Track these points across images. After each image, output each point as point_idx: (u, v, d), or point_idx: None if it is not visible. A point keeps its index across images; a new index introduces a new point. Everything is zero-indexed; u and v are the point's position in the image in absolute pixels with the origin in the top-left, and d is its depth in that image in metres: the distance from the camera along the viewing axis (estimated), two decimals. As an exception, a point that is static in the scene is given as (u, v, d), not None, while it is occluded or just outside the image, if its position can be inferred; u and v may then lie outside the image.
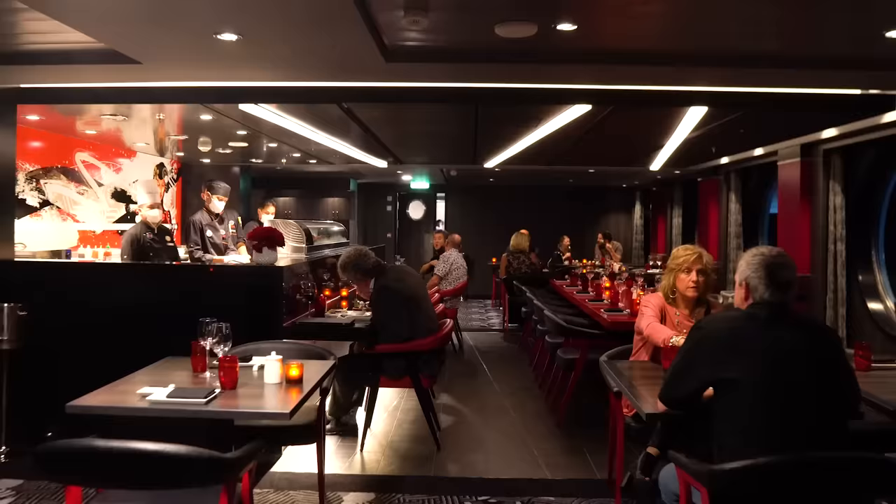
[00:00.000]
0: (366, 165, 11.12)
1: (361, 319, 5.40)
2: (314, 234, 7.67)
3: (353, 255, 5.29)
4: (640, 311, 4.31)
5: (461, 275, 9.29)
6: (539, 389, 7.15)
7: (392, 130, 7.44)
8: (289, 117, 6.52)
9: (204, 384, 3.35)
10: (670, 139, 7.60)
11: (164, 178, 10.31)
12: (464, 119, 6.60)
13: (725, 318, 2.86)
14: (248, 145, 8.41)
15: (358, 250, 5.34)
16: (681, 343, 3.84)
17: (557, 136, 7.21)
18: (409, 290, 5.20)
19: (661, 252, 13.88)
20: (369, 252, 5.36)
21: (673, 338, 3.85)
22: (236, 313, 5.10)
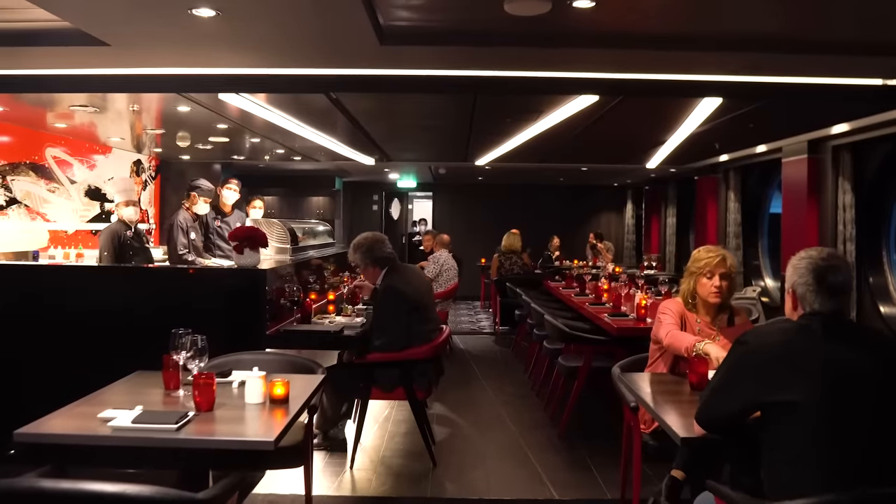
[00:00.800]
0: (352, 163, 10.73)
1: (351, 326, 5.02)
2: (299, 234, 7.27)
3: (370, 238, 4.97)
4: (657, 318, 3.95)
5: (452, 276, 8.92)
6: (537, 397, 6.79)
7: (383, 125, 7.05)
8: (273, 109, 6.12)
9: (176, 404, 2.96)
10: (674, 135, 7.26)
11: (141, 175, 9.86)
12: (460, 112, 6.23)
13: (775, 331, 2.50)
14: (230, 141, 7.99)
15: (376, 235, 5.03)
16: (707, 351, 3.51)
17: (556, 131, 6.85)
18: (417, 295, 4.84)
19: (655, 252, 13.58)
20: (387, 241, 5.03)
21: (697, 345, 3.50)
22: (216, 320, 4.75)
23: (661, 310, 3.96)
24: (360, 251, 4.95)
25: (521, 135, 7.31)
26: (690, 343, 3.55)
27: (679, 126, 6.67)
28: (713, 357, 3.40)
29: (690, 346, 3.53)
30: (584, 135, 7.25)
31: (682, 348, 3.58)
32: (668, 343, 3.72)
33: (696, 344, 3.52)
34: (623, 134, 7.46)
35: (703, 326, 3.86)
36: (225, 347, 4.09)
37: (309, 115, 6.48)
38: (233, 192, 7.54)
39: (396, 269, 4.98)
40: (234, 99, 5.41)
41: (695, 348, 3.51)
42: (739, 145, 8.50)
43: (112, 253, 6.34)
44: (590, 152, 9.27)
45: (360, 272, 5.23)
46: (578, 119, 6.19)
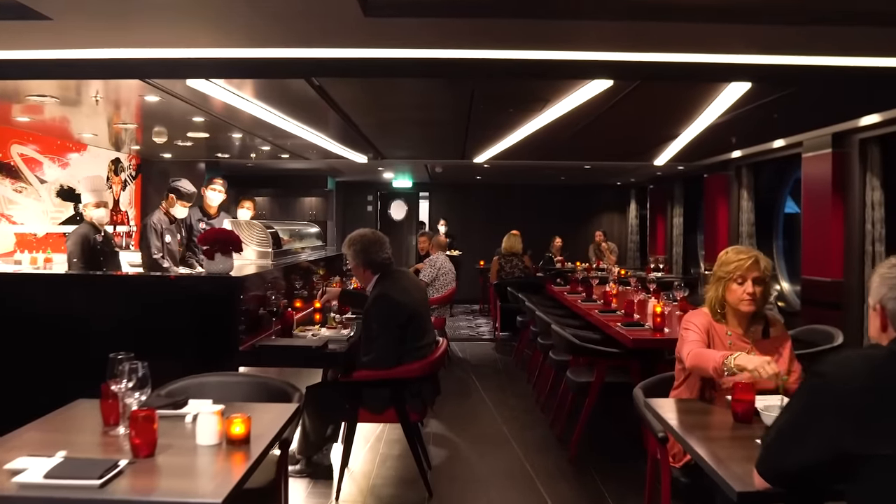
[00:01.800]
0: (344, 161, 10.20)
1: (336, 340, 4.48)
2: (284, 237, 6.73)
3: (368, 237, 4.45)
4: (680, 334, 3.41)
5: (449, 280, 8.38)
6: (542, 412, 6.26)
7: (373, 118, 6.50)
8: (253, 100, 5.58)
9: (113, 446, 2.42)
10: (690, 128, 6.71)
11: (120, 174, 9.32)
12: (458, 103, 5.70)
13: (860, 359, 1.94)
14: (210, 136, 7.45)
15: (376, 235, 4.49)
16: (741, 365, 2.98)
17: (561, 123, 6.31)
18: (413, 306, 4.30)
19: (661, 253, 13.05)
20: (386, 244, 4.50)
21: (726, 360, 2.97)
22: (183, 335, 4.21)
23: (684, 324, 3.42)
24: (353, 248, 4.43)
25: (524, 128, 6.76)
26: (718, 361, 3.01)
27: (697, 117, 6.12)
28: (751, 370, 2.89)
29: (719, 365, 2.99)
30: (591, 128, 6.72)
31: (708, 368, 3.05)
32: (692, 365, 3.19)
33: (726, 359, 2.99)
34: (634, 127, 6.92)
35: (734, 339, 3.32)
36: (192, 366, 3.59)
37: (292, 106, 5.94)
38: (217, 194, 7.01)
39: (391, 274, 4.46)
40: (206, 87, 4.87)
41: (724, 365, 2.98)
42: (757, 139, 7.96)
43: (81, 258, 5.89)
44: (595, 148, 8.73)
45: (352, 271, 4.70)
46: (587, 109, 5.65)
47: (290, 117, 6.39)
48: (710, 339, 3.32)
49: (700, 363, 3.12)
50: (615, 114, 5.89)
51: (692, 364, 3.18)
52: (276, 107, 5.93)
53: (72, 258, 5.92)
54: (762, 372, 2.87)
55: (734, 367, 2.95)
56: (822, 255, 7.13)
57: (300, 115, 6.38)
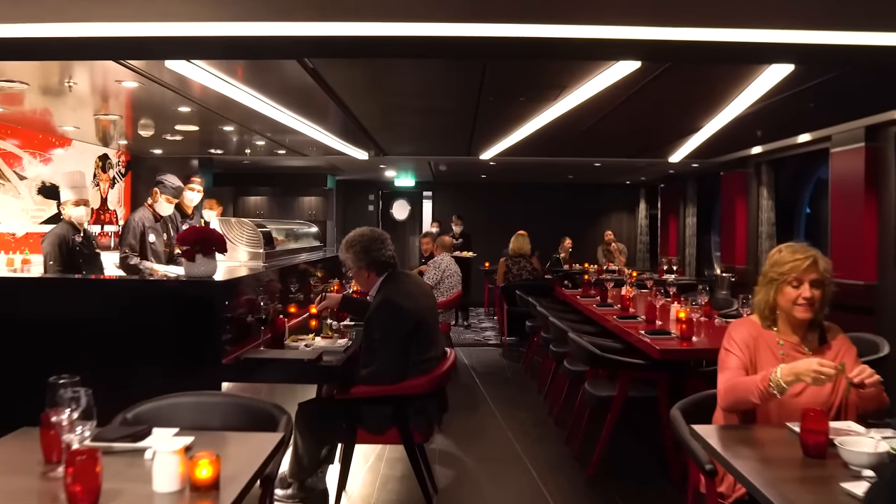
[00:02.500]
0: (345, 158, 9.74)
1: (332, 351, 4.01)
2: (278, 237, 6.28)
3: (367, 235, 4.00)
4: (720, 356, 2.96)
5: (455, 283, 7.93)
6: (556, 426, 5.80)
7: (373, 106, 6.03)
8: (241, 86, 5.12)
9: (49, 495, 1.97)
10: (715, 119, 6.24)
11: (108, 171, 8.87)
12: (464, 90, 5.23)
13: None
14: (201, 130, 6.99)
15: (375, 232, 4.04)
16: (795, 373, 2.54)
17: (576, 114, 5.85)
18: (420, 314, 3.86)
19: (673, 255, 12.58)
20: (388, 241, 4.05)
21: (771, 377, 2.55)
22: (158, 347, 3.75)
23: (725, 342, 2.97)
24: (353, 250, 3.97)
25: (536, 120, 6.29)
26: (761, 383, 2.59)
27: (725, 107, 5.65)
28: (806, 380, 2.50)
29: (764, 387, 2.58)
30: (608, 121, 6.27)
31: (751, 397, 2.65)
32: (729, 402, 2.78)
33: (770, 377, 2.56)
34: (654, 119, 6.45)
35: (787, 350, 2.87)
36: (169, 382, 3.20)
37: (286, 94, 5.49)
38: (196, 193, 6.55)
39: (397, 277, 4.00)
40: (189, 71, 4.41)
41: (771, 384, 2.55)
42: (784, 133, 7.49)
43: (59, 260, 5.46)
44: (610, 143, 8.28)
45: (352, 276, 4.24)
46: (606, 98, 5.19)
47: (285, 107, 5.93)
48: (756, 353, 2.87)
49: (738, 395, 2.71)
50: (636, 103, 5.43)
51: (729, 401, 2.76)
52: (269, 95, 5.47)
53: (48, 260, 5.50)
54: (818, 376, 2.49)
55: (783, 383, 2.53)
56: (854, 257, 6.66)
57: (295, 105, 5.92)
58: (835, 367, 2.49)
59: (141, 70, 4.45)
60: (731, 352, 2.88)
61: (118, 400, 2.80)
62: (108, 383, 3.62)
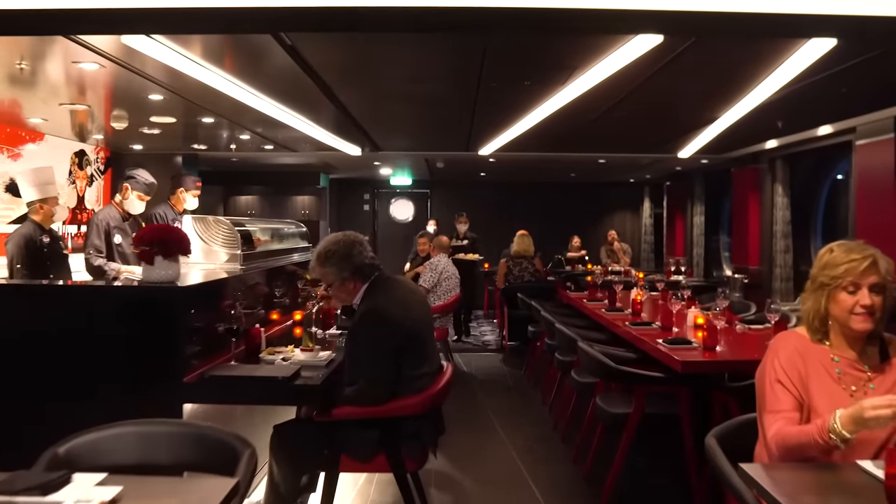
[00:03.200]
0: (337, 155, 9.26)
1: (312, 366, 3.53)
2: (261, 237, 5.80)
3: (343, 240, 3.47)
4: (765, 387, 2.47)
5: (453, 286, 7.45)
6: (562, 443, 5.33)
7: (361, 93, 5.52)
8: (215, 69, 4.62)
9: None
10: (735, 108, 5.74)
11: (85, 168, 8.38)
12: (463, 72, 4.75)
13: None
14: (179, 122, 6.51)
15: (349, 236, 3.51)
16: (855, 421, 2.09)
17: (585, 102, 5.35)
18: (412, 324, 3.38)
19: (680, 255, 12.11)
20: (366, 243, 3.54)
21: (830, 426, 2.11)
22: (111, 363, 3.27)
23: (769, 365, 2.47)
24: (332, 261, 3.46)
25: (541, 109, 5.78)
26: (822, 436, 2.13)
27: (749, 92, 5.15)
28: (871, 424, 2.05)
29: (824, 435, 2.12)
30: (619, 110, 5.79)
31: (812, 450, 2.20)
32: (784, 456, 2.30)
33: (830, 426, 2.10)
34: (669, 108, 5.95)
35: (844, 367, 2.39)
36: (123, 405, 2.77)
37: (266, 79, 5.01)
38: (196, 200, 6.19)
39: (384, 283, 3.52)
40: (152, 49, 3.92)
41: (831, 435, 2.10)
42: (806, 124, 7.00)
43: (25, 262, 5.05)
44: (618, 137, 7.81)
45: (331, 292, 3.74)
46: (620, 82, 4.70)
47: (267, 95, 5.44)
48: (807, 375, 2.38)
49: (793, 450, 2.25)
50: (651, 89, 4.95)
51: (782, 454, 2.28)
52: (248, 80, 4.98)
53: (14, 262, 5.09)
54: (879, 419, 2.03)
55: (846, 433, 2.07)
56: (884, 257, 6.18)
57: (278, 93, 5.43)
58: (891, 404, 2.02)
59: (99, 49, 3.96)
60: (781, 384, 2.38)
61: (63, 425, 2.39)
62: (55, 405, 3.20)
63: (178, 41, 3.92)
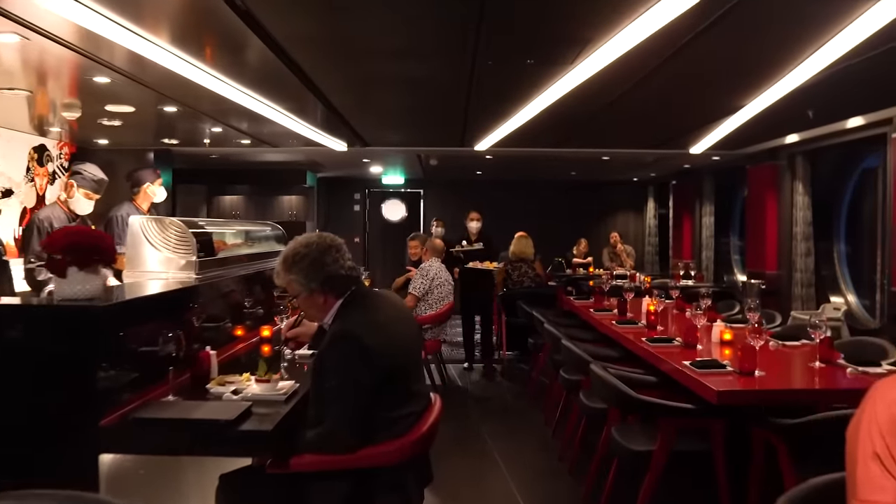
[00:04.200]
0: (322, 151, 8.62)
1: (268, 401, 2.86)
2: (226, 241, 5.14)
3: (314, 243, 2.82)
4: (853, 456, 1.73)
5: (446, 294, 6.78)
6: (570, 475, 4.67)
7: (338, 76, 4.84)
8: (159, 42, 3.94)
9: None
10: (767, 92, 5.06)
11: (46, 165, 7.70)
12: (455, 50, 4.08)
13: None
14: (138, 111, 5.83)
15: (325, 238, 2.85)
16: None
17: (596, 85, 4.68)
18: (396, 351, 2.73)
19: (687, 258, 11.45)
20: (344, 249, 2.87)
21: None
22: (12, 402, 2.61)
23: (861, 430, 1.72)
24: (298, 266, 2.80)
25: (546, 94, 5.09)
26: None
27: (788, 73, 4.47)
28: None
29: None
30: (633, 96, 5.13)
31: None
32: None
33: None
34: (690, 92, 5.27)
35: None
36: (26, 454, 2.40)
37: (224, 55, 4.33)
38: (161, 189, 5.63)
39: (362, 299, 2.85)
40: (78, 14, 3.24)
41: None
42: (837, 114, 6.33)
43: None
44: (627, 130, 7.15)
45: (298, 305, 3.07)
46: (637, 60, 4.04)
47: (227, 76, 4.75)
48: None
49: None
50: (675, 68, 4.29)
51: None
52: (198, 55, 4.28)
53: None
54: None
55: None
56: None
57: (240, 74, 4.74)
58: None
59: (15, 15, 3.28)
60: (880, 461, 1.61)
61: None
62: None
63: (109, 6, 3.24)
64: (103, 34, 3.50)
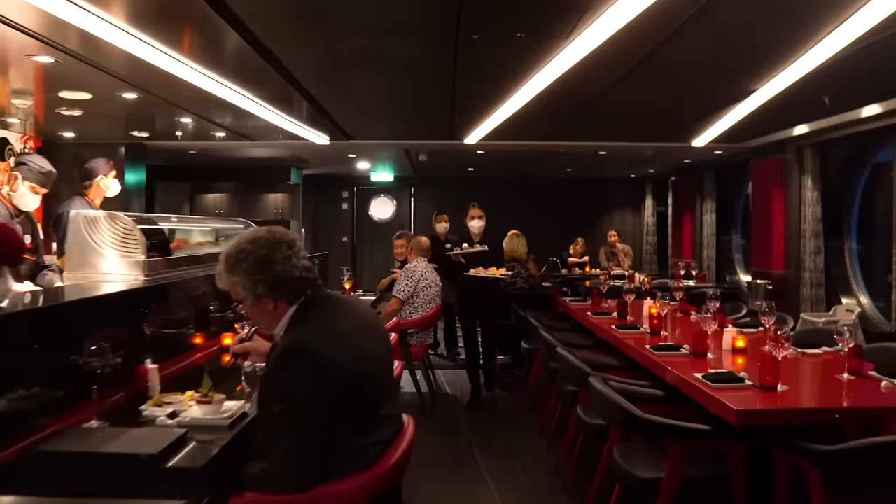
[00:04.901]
0: (306, 146, 8.20)
1: (208, 427, 2.41)
2: (188, 240, 4.72)
3: (262, 238, 2.34)
4: None
5: (432, 296, 6.33)
6: (567, 494, 4.24)
7: (309, 54, 4.38)
8: (104, 15, 3.48)
9: None
10: (782, 74, 4.62)
11: (8, 159, 7.23)
12: (437, 21, 3.63)
13: None
14: (95, 98, 5.36)
15: (274, 233, 2.37)
16: None
17: (592, 66, 4.24)
18: (359, 370, 2.26)
19: (688, 257, 11.02)
20: (297, 244, 2.38)
21: None
22: None
23: None
24: (240, 268, 2.33)
25: (539, 76, 4.64)
26: None
27: (807, 52, 4.03)
28: None
29: None
30: (633, 81, 4.69)
31: None
32: None
33: None
34: (697, 75, 4.82)
35: None
36: None
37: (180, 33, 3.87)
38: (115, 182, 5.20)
39: (320, 306, 2.38)
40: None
41: None
42: (851, 102, 5.89)
43: None
44: (626, 121, 6.72)
45: (245, 311, 2.61)
46: (640, 36, 3.60)
47: (188, 58, 4.30)
48: None
49: None
50: (680, 46, 3.85)
51: None
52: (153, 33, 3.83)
53: None
54: None
55: None
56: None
57: (203, 56, 4.29)
58: None
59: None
60: None
61: None
62: None
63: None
64: (46, 8, 3.04)
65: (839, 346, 4.29)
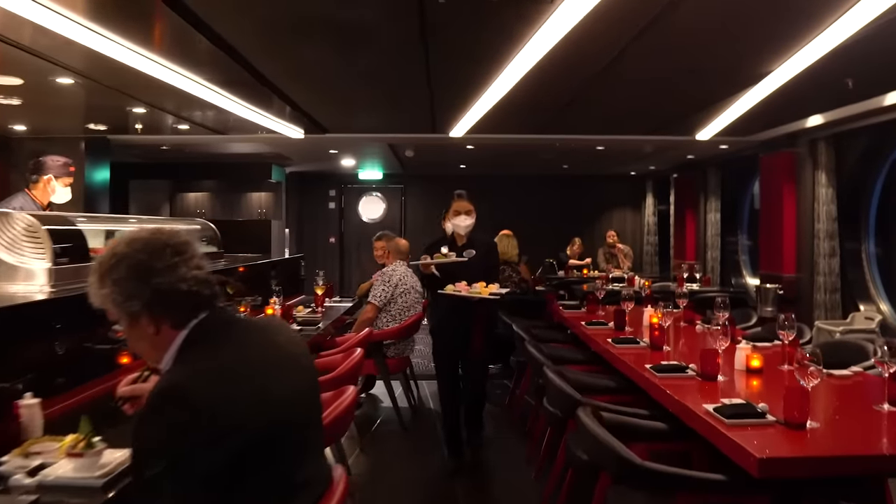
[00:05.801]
0: (283, 141, 7.62)
1: (75, 488, 1.84)
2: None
3: (140, 241, 1.72)
4: None
5: (411, 303, 5.76)
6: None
7: (245, 26, 3.80)
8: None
9: None
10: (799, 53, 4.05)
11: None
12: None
13: None
14: (27, 84, 4.81)
15: (157, 236, 1.75)
16: None
17: (584, 40, 3.67)
18: (263, 418, 1.66)
19: (691, 258, 10.45)
20: (189, 250, 1.77)
21: None
22: None
23: None
24: (111, 279, 1.72)
25: (521, 55, 4.07)
26: None
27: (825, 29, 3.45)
28: None
29: None
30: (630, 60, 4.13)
31: None
32: None
33: None
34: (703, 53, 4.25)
35: None
36: None
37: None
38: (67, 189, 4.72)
39: (218, 332, 1.78)
40: None
41: None
42: (875, 88, 5.31)
43: None
44: (624, 111, 6.16)
45: (126, 338, 2.00)
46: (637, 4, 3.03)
47: (113, 32, 3.73)
48: None
49: None
50: (684, 18, 3.28)
51: None
52: (76, 8, 3.28)
53: None
54: None
55: None
56: None
57: (129, 29, 3.72)
58: None
59: None
60: None
61: None
62: None
63: None
64: None
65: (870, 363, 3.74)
